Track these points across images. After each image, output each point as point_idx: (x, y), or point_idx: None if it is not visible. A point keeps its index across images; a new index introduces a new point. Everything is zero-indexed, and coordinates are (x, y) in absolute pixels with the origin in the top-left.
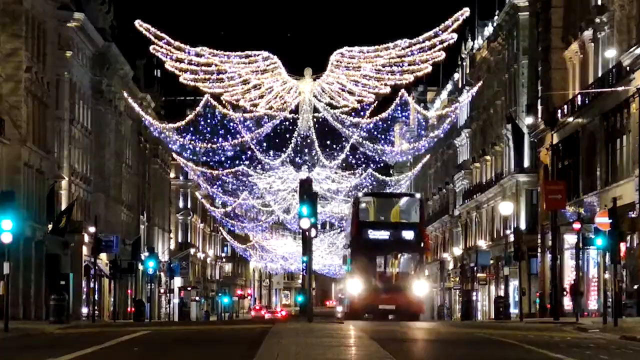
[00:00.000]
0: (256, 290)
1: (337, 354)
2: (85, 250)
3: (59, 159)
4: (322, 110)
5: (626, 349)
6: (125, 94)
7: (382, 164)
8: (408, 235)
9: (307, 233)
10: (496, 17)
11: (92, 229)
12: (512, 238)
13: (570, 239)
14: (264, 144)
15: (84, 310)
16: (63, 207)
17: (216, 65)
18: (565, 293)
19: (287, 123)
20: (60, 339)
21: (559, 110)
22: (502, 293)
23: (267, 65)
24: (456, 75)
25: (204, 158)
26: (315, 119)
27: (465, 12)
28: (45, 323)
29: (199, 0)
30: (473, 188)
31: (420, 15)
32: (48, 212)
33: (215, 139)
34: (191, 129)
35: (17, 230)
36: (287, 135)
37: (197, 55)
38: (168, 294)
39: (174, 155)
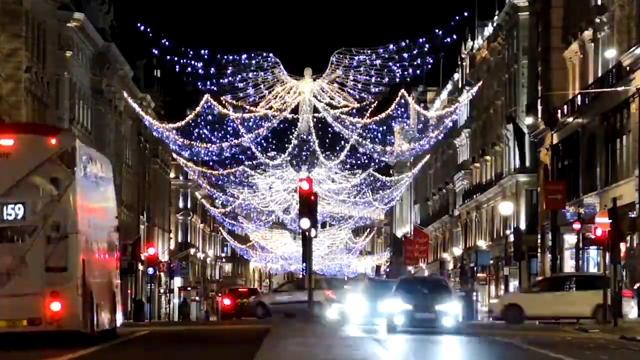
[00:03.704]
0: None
1: (338, 353)
2: None
3: None
4: (322, 110)
5: (626, 349)
6: (125, 94)
7: (382, 164)
8: None
9: (307, 233)
10: (496, 17)
11: None
12: (512, 238)
13: (570, 239)
14: (264, 144)
15: None
16: None
17: (216, 65)
18: None
19: (287, 123)
20: (60, 339)
21: (559, 110)
22: (502, 293)
23: (267, 65)
24: (456, 75)
25: (204, 158)
26: (315, 119)
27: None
28: None
29: (199, 0)
30: (473, 188)
31: (421, 16)
32: None
33: (215, 139)
34: (191, 130)
35: None
36: (287, 135)
37: (197, 55)
38: (168, 294)
39: (174, 155)
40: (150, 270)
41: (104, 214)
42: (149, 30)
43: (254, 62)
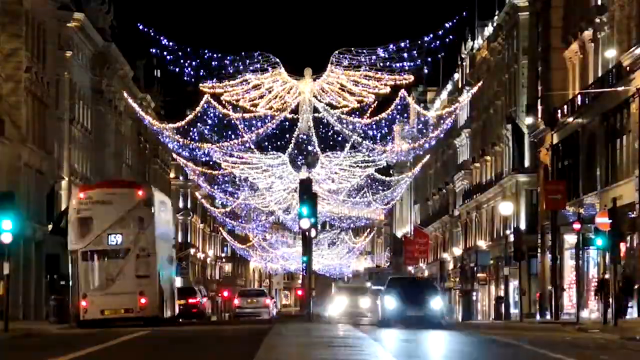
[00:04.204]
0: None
1: (337, 353)
2: None
3: (59, 159)
4: (322, 110)
5: (626, 349)
6: (125, 94)
7: (382, 164)
8: None
9: (307, 233)
10: (496, 17)
11: None
12: (512, 238)
13: (570, 239)
14: (264, 144)
15: None
16: (63, 207)
17: (217, 65)
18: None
19: (287, 123)
20: (60, 339)
21: (559, 110)
22: (502, 293)
23: (267, 65)
24: (456, 75)
25: (204, 158)
26: (315, 119)
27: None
28: (46, 323)
29: (199, 0)
30: (473, 188)
31: (421, 16)
32: (48, 212)
33: (215, 139)
34: (191, 130)
35: (17, 230)
36: (287, 135)
37: (198, 55)
38: None
39: (174, 155)
40: None
41: (168, 237)
42: (149, 30)
43: (254, 62)
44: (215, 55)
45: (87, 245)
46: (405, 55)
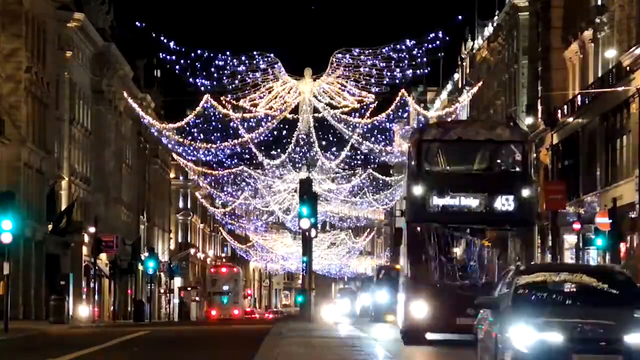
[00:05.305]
0: (256, 290)
1: (337, 353)
2: (85, 250)
3: (59, 159)
4: (322, 110)
5: None
6: (125, 94)
7: (382, 164)
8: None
9: (307, 233)
10: (496, 17)
11: (92, 229)
12: None
13: (570, 239)
14: (264, 144)
15: (84, 310)
16: (63, 207)
17: (216, 65)
18: None
19: (287, 123)
20: (60, 339)
21: (559, 110)
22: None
23: (267, 65)
24: (456, 75)
25: (204, 158)
26: (315, 119)
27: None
28: (46, 323)
29: (199, 0)
30: None
31: (421, 16)
32: (48, 212)
33: (215, 139)
34: (191, 130)
35: (17, 230)
36: (287, 135)
37: (198, 55)
38: (168, 294)
39: (174, 155)
40: (150, 271)
41: (242, 287)
42: (149, 30)
43: (254, 62)
44: (215, 55)
45: (214, 289)
46: (405, 55)
